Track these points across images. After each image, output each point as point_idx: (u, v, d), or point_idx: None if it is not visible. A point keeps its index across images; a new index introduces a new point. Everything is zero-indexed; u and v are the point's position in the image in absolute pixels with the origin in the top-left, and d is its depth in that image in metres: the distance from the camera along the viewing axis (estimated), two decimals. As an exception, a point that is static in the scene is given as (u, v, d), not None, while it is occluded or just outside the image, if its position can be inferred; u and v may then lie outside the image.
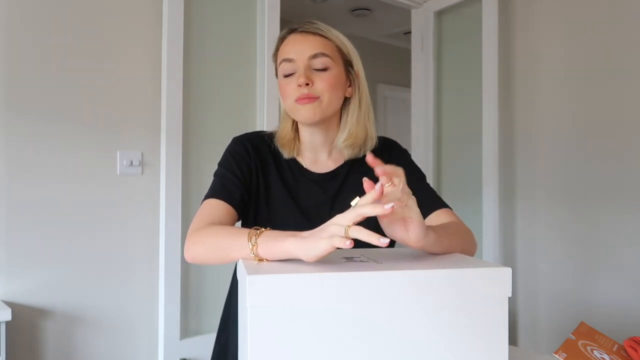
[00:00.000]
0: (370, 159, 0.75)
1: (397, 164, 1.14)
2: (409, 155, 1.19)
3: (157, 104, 1.98)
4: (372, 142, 1.12)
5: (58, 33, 1.79)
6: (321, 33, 1.04)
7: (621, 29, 2.22)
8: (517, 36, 2.59)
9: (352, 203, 0.72)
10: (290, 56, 1.03)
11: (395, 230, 0.77)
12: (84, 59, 1.83)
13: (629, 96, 2.19)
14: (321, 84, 1.02)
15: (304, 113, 1.03)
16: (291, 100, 1.03)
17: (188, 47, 2.03)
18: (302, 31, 1.05)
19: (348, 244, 0.65)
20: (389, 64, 4.66)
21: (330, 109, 1.05)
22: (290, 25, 1.08)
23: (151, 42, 1.97)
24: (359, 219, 0.69)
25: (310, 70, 1.02)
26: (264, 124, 2.22)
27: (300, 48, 1.03)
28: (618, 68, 2.22)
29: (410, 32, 2.98)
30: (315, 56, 1.02)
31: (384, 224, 0.78)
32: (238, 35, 2.21)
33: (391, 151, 1.16)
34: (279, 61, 1.06)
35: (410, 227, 0.75)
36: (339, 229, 0.69)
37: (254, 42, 2.25)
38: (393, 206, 0.68)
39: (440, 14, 2.84)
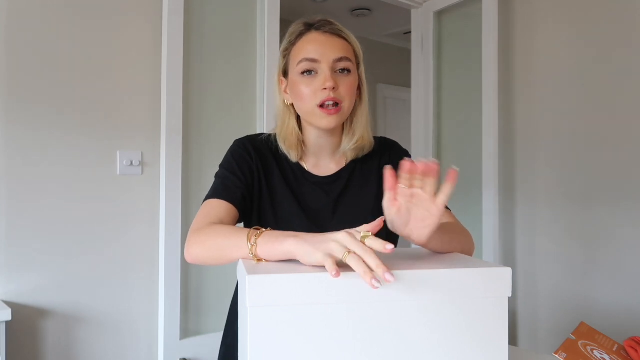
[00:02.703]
0: (404, 164, 0.74)
1: (397, 164, 1.15)
2: (409, 156, 1.19)
3: (157, 104, 1.98)
4: (371, 142, 1.12)
5: (58, 33, 1.79)
6: (344, 36, 1.04)
7: (621, 28, 2.22)
8: (517, 36, 2.59)
9: (361, 231, 0.70)
10: (315, 56, 1.01)
11: (402, 225, 0.78)
12: (83, 58, 1.83)
13: (629, 96, 2.19)
14: (344, 88, 1.02)
15: (326, 121, 1.02)
16: (312, 104, 1.01)
17: (188, 47, 2.03)
18: (325, 31, 1.03)
19: (334, 274, 0.63)
20: (389, 64, 4.66)
21: (348, 114, 1.06)
22: (303, 20, 1.06)
23: (151, 42, 1.97)
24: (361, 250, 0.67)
25: (334, 73, 1.02)
26: (264, 123, 2.22)
27: (325, 50, 1.01)
28: (618, 67, 2.22)
29: (410, 32, 2.99)
30: (340, 60, 1.01)
31: (390, 218, 0.78)
32: (238, 35, 2.21)
33: (391, 152, 1.16)
34: (297, 59, 1.03)
35: (427, 222, 0.76)
36: (339, 250, 0.67)
37: (254, 42, 2.25)
38: (394, 248, 0.67)
39: (440, 14, 2.84)
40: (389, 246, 0.66)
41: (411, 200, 0.76)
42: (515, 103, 2.59)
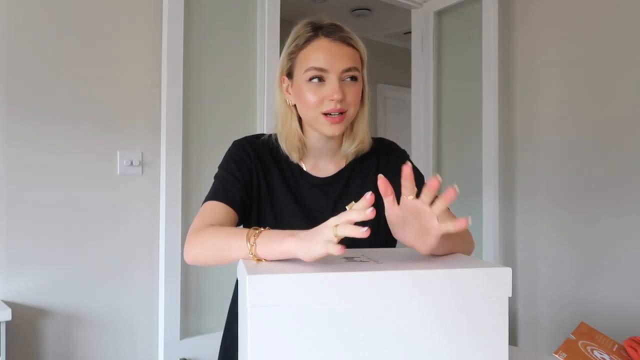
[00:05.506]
0: (406, 170, 0.73)
1: (395, 164, 1.15)
2: (408, 156, 1.19)
3: (157, 104, 1.98)
4: (369, 143, 1.12)
5: (58, 33, 1.79)
6: (353, 44, 1.03)
7: (621, 28, 2.22)
8: (517, 36, 2.59)
9: (347, 207, 0.71)
10: (324, 66, 1.00)
11: (406, 235, 0.77)
12: (84, 59, 1.83)
13: (629, 96, 2.18)
14: (350, 97, 1.02)
15: (331, 130, 1.02)
16: (317, 111, 1.01)
17: (188, 47, 2.03)
18: (335, 39, 1.01)
19: (338, 249, 0.65)
20: (389, 64, 4.66)
21: (351, 120, 1.06)
22: (310, 20, 1.04)
23: (151, 42, 1.97)
24: (347, 224, 0.68)
25: (341, 82, 1.01)
26: (264, 124, 2.22)
27: (335, 60, 1.00)
28: (618, 67, 2.22)
29: (410, 32, 2.98)
30: (348, 70, 1.01)
31: (393, 226, 0.78)
32: (238, 35, 2.21)
33: (389, 152, 1.16)
34: (305, 65, 1.01)
35: (428, 238, 0.74)
36: (331, 232, 0.68)
37: (254, 42, 2.25)
38: (372, 212, 0.67)
39: (440, 14, 2.84)
40: (364, 228, 0.66)
41: (415, 214, 0.74)
42: (515, 103, 2.59)
